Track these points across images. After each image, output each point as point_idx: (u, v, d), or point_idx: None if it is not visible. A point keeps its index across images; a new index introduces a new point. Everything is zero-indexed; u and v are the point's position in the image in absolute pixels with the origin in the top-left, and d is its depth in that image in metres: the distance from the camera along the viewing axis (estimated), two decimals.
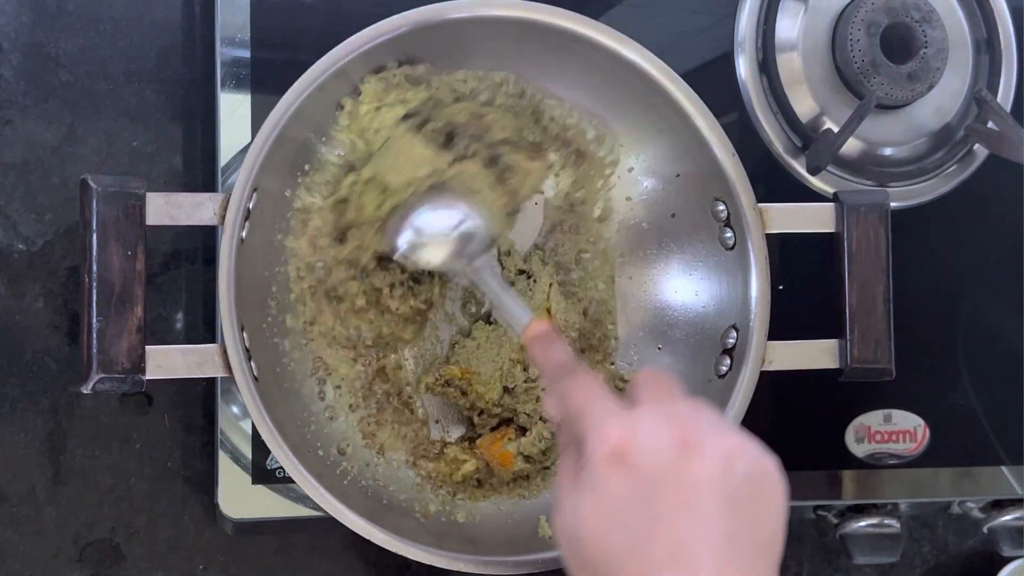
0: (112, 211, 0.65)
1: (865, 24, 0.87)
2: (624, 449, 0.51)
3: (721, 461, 0.51)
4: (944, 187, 0.91)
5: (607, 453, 0.52)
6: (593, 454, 0.52)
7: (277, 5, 0.81)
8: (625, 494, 0.51)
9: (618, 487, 0.51)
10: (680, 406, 0.55)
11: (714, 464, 0.51)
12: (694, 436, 0.51)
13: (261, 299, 0.73)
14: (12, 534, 0.81)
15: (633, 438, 0.52)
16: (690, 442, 0.51)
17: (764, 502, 0.52)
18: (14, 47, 0.82)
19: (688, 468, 0.51)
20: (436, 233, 0.72)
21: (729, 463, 0.51)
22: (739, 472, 0.51)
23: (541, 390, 0.78)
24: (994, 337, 0.92)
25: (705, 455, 0.51)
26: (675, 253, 0.80)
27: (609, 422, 0.53)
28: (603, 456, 0.52)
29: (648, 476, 0.51)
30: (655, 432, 0.52)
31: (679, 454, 0.51)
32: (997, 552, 0.95)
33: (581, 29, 0.73)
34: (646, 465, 0.51)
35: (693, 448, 0.51)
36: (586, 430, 0.54)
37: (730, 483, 0.51)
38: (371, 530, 0.69)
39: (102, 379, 0.65)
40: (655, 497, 0.50)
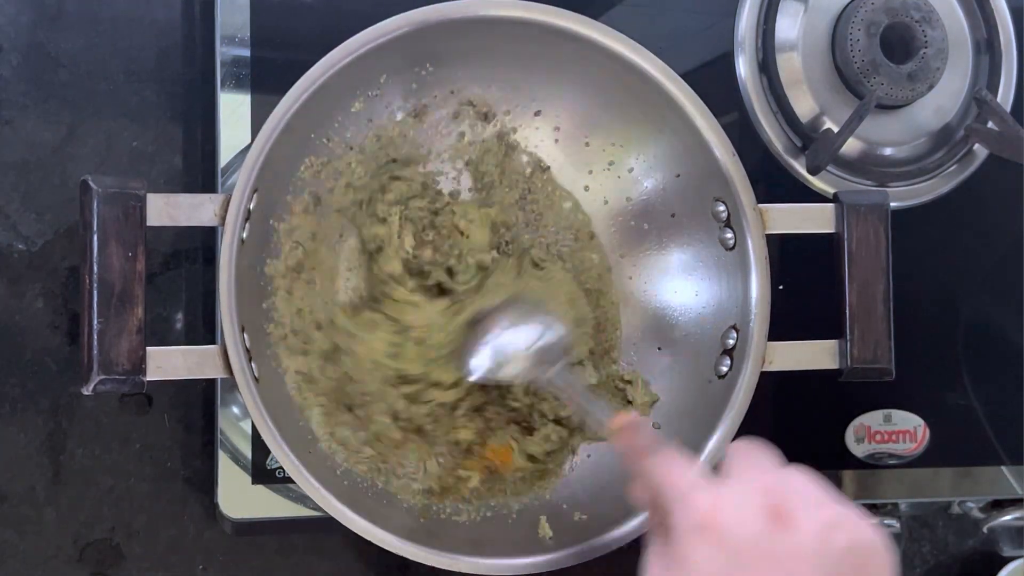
0: (112, 212, 0.65)
1: (865, 24, 0.87)
2: (711, 520, 0.49)
3: (818, 533, 0.49)
4: (944, 187, 0.91)
5: (693, 524, 0.50)
6: (679, 526, 0.51)
7: (277, 5, 0.81)
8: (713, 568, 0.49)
9: (705, 561, 0.49)
10: (774, 476, 0.53)
11: (809, 536, 0.49)
12: (787, 507, 0.49)
13: (261, 299, 0.73)
14: (12, 534, 0.81)
15: (720, 508, 0.50)
16: (783, 513, 0.49)
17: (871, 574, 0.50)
18: (14, 47, 0.82)
19: (782, 540, 0.48)
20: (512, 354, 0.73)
21: (827, 535, 0.49)
22: (838, 546, 0.49)
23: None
24: (994, 337, 0.92)
25: (800, 527, 0.49)
26: (675, 253, 0.80)
27: (695, 493, 0.51)
28: (689, 527, 0.50)
29: (737, 549, 0.49)
30: (744, 502, 0.50)
31: (771, 526, 0.49)
32: (997, 552, 0.95)
33: (581, 29, 0.73)
34: (735, 537, 0.49)
35: (786, 519, 0.49)
36: (671, 502, 0.52)
37: (828, 557, 0.48)
38: (371, 530, 0.69)
39: (102, 380, 0.65)
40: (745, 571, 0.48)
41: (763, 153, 0.89)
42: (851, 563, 0.49)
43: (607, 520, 0.72)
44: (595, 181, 0.81)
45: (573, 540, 0.72)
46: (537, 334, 0.73)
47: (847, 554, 0.49)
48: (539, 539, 0.74)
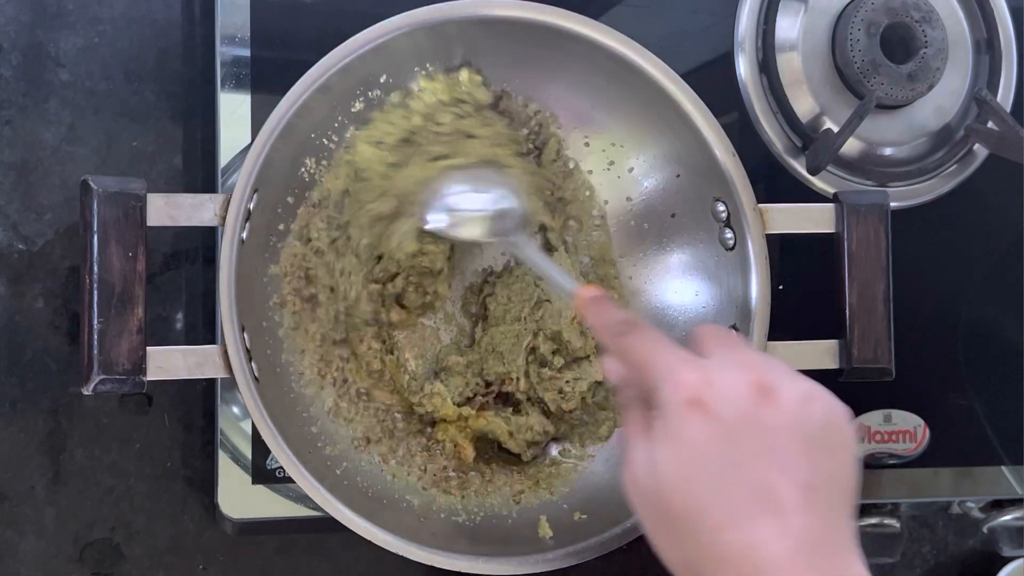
0: (113, 212, 0.65)
1: (865, 24, 0.87)
2: (701, 394, 0.51)
3: (798, 405, 0.51)
4: (944, 187, 0.91)
5: (684, 399, 0.51)
6: (669, 401, 0.52)
7: (277, 5, 0.81)
8: (705, 440, 0.51)
9: (697, 433, 0.51)
10: (749, 354, 0.55)
11: (792, 408, 0.51)
12: (769, 381, 0.51)
13: (262, 299, 0.73)
14: (12, 534, 0.81)
15: (710, 383, 0.52)
16: (766, 386, 0.51)
17: (839, 447, 0.52)
18: (14, 47, 0.82)
19: (767, 412, 0.51)
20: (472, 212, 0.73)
21: (806, 407, 0.51)
22: (815, 416, 0.51)
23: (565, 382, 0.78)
24: (994, 337, 0.92)
25: (782, 399, 0.51)
26: (675, 253, 0.80)
27: (683, 369, 0.52)
28: (680, 402, 0.51)
29: (727, 421, 0.51)
30: (731, 378, 0.52)
31: (757, 398, 0.51)
32: (997, 552, 0.95)
33: (581, 29, 0.73)
34: (725, 410, 0.51)
35: (770, 392, 0.51)
36: (658, 379, 0.53)
37: (808, 426, 0.51)
38: (371, 530, 0.69)
39: (103, 380, 0.65)
40: (736, 442, 0.50)
41: (763, 153, 0.89)
42: (826, 431, 0.51)
43: (607, 520, 0.72)
44: (595, 181, 0.81)
45: (573, 540, 0.72)
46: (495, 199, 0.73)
47: (822, 423, 0.51)
48: (539, 539, 0.74)
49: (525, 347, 0.78)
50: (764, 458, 0.50)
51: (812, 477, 0.50)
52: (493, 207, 0.72)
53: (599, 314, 0.62)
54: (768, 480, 0.50)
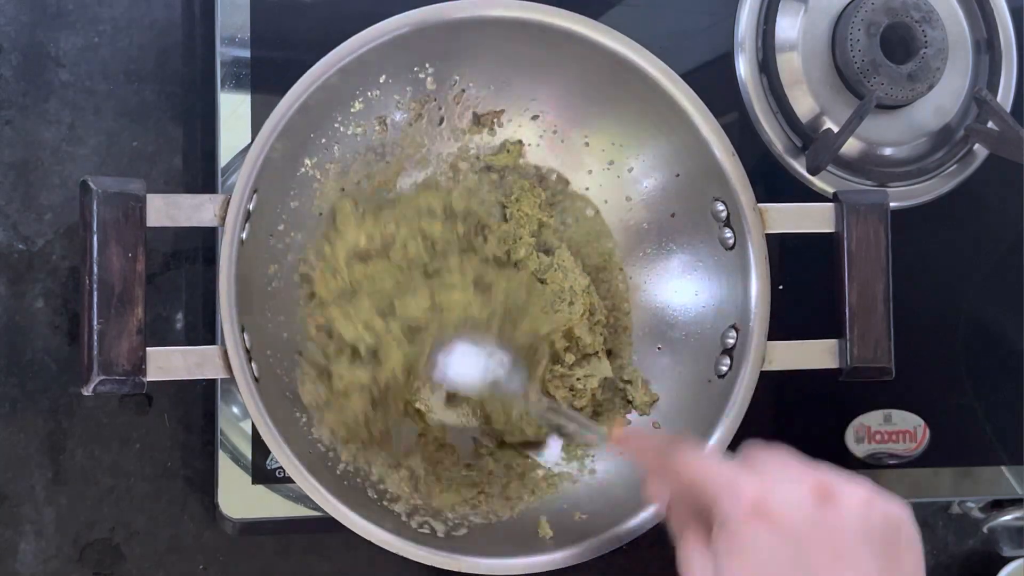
0: (112, 213, 0.65)
1: (865, 24, 0.87)
2: (763, 504, 0.51)
3: (860, 508, 0.52)
4: (944, 187, 0.91)
5: (747, 509, 0.51)
6: (732, 513, 0.52)
7: (277, 5, 0.81)
8: (772, 549, 0.51)
9: (764, 543, 0.51)
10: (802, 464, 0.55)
11: (854, 510, 0.51)
12: (828, 486, 0.52)
13: (262, 300, 0.73)
14: (12, 534, 0.81)
15: (770, 492, 0.52)
16: (826, 491, 0.51)
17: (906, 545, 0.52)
18: (14, 47, 0.82)
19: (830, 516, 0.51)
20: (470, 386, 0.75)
21: (868, 509, 0.52)
22: (878, 517, 0.52)
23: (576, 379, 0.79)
24: (994, 337, 0.92)
25: (844, 502, 0.51)
26: (675, 253, 0.80)
27: (742, 481, 0.53)
28: (744, 513, 0.51)
29: (792, 528, 0.51)
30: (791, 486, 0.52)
31: (819, 504, 0.51)
32: (997, 552, 0.95)
33: (581, 29, 0.73)
34: (789, 517, 0.51)
35: (831, 497, 0.51)
36: (716, 493, 0.53)
37: (872, 528, 0.51)
38: (371, 530, 0.69)
39: (103, 381, 0.65)
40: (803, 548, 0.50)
41: (763, 153, 0.89)
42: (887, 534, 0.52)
43: (607, 520, 0.72)
44: (595, 181, 0.81)
45: (573, 540, 0.72)
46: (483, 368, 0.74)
47: (885, 524, 0.52)
48: (539, 539, 0.74)
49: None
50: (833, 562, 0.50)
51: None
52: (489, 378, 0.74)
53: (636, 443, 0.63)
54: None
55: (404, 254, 0.75)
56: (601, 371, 0.79)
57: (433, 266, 0.76)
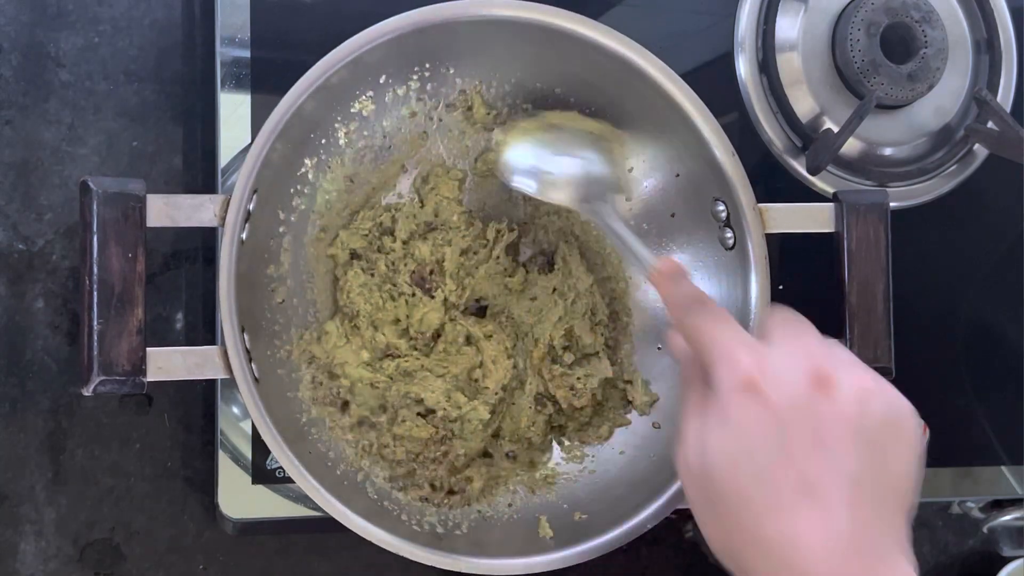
0: (112, 213, 0.65)
1: (865, 24, 0.87)
2: (756, 379, 0.50)
3: (856, 399, 0.50)
4: (944, 187, 0.91)
5: (738, 382, 0.51)
6: (723, 383, 0.51)
7: (277, 5, 0.81)
8: (755, 426, 0.50)
9: (748, 419, 0.50)
10: (814, 342, 0.53)
11: (848, 401, 0.50)
12: (828, 371, 0.50)
13: (261, 300, 0.73)
14: (12, 534, 0.81)
15: (766, 368, 0.51)
16: (824, 377, 0.50)
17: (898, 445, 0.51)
18: (14, 47, 0.82)
19: (821, 403, 0.50)
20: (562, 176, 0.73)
21: (865, 402, 0.50)
22: (875, 412, 0.50)
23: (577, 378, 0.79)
24: (994, 337, 0.92)
25: (840, 392, 0.50)
26: (675, 253, 0.80)
27: (740, 351, 0.52)
28: (734, 385, 0.51)
29: (780, 409, 0.50)
30: (789, 364, 0.51)
31: (813, 389, 0.50)
32: (997, 552, 0.95)
33: (581, 29, 0.73)
34: (778, 397, 0.50)
35: (828, 384, 0.50)
36: (715, 360, 0.53)
37: (864, 421, 0.50)
38: (371, 530, 0.69)
39: (103, 381, 0.65)
40: (787, 431, 0.49)
41: (763, 153, 0.89)
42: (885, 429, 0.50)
43: (607, 520, 0.72)
44: None
45: (573, 540, 0.72)
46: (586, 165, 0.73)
47: (881, 420, 0.50)
48: (539, 539, 0.74)
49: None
50: (813, 449, 0.49)
51: (861, 473, 0.49)
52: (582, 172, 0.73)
53: (673, 289, 0.61)
54: (814, 472, 0.49)
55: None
56: (601, 371, 0.79)
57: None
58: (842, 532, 0.48)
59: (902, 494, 0.51)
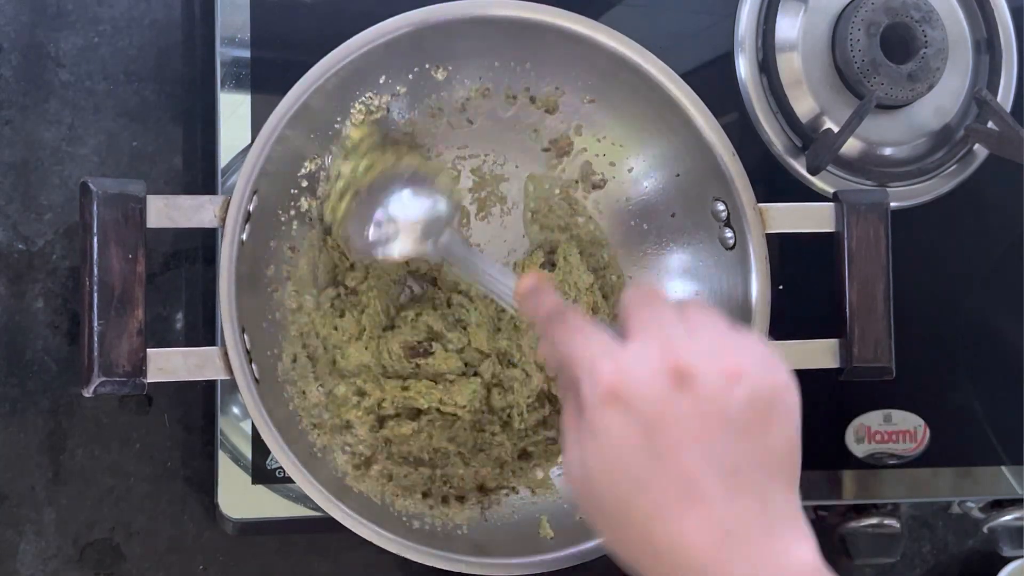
0: (112, 214, 0.65)
1: (865, 24, 0.87)
2: (617, 389, 0.50)
3: (718, 388, 0.49)
4: (944, 187, 0.91)
5: (601, 395, 0.50)
6: (588, 399, 0.51)
7: (277, 5, 0.81)
8: (625, 436, 0.50)
9: (616, 429, 0.50)
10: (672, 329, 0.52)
11: (711, 391, 0.49)
12: (686, 364, 0.50)
13: (262, 300, 0.73)
14: (12, 534, 0.81)
15: (626, 374, 0.50)
16: (683, 372, 0.49)
17: (775, 419, 0.50)
18: (14, 47, 0.82)
19: (683, 399, 0.49)
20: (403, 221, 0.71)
21: (727, 388, 0.50)
22: (741, 395, 0.50)
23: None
24: (994, 337, 0.92)
25: (701, 383, 0.49)
26: (675, 253, 0.80)
27: (600, 363, 0.51)
28: (598, 399, 0.50)
29: (644, 413, 0.49)
30: (648, 364, 0.50)
31: (673, 386, 0.49)
32: (997, 552, 0.95)
33: (581, 29, 0.73)
34: (641, 402, 0.49)
35: (686, 377, 0.49)
36: (580, 374, 0.52)
37: (732, 407, 0.49)
38: (371, 530, 0.69)
39: (103, 382, 0.65)
40: (655, 435, 0.49)
41: (763, 153, 0.89)
42: (755, 409, 0.50)
43: None
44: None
45: (574, 540, 0.72)
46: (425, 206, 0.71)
47: (747, 402, 0.49)
48: (540, 539, 0.74)
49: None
50: (684, 448, 0.49)
51: (737, 461, 0.49)
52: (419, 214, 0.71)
53: (534, 303, 0.60)
54: (689, 470, 0.49)
55: None
56: None
57: None
58: (725, 524, 0.48)
59: (788, 468, 0.51)
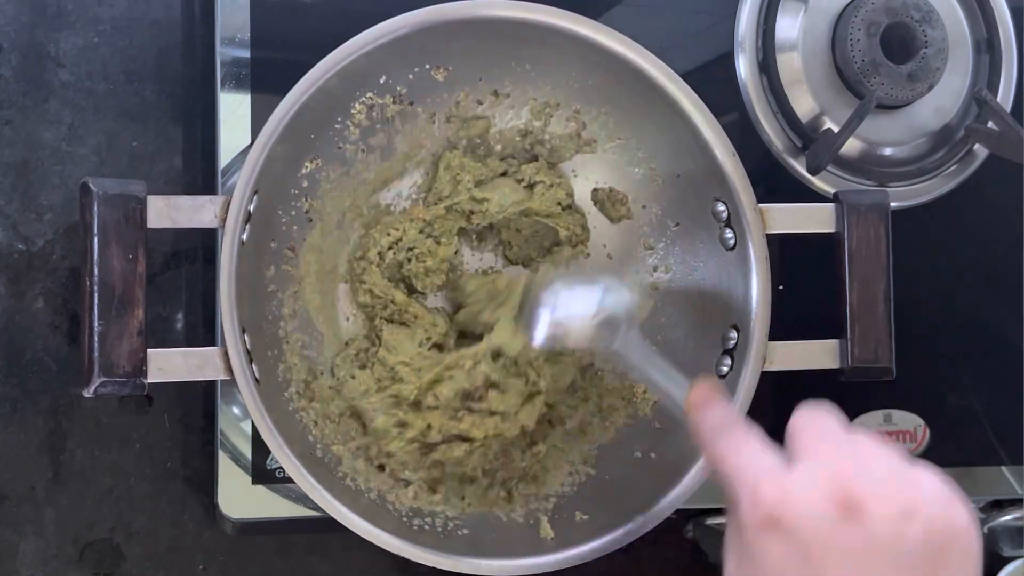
0: (113, 214, 0.65)
1: (865, 24, 0.87)
2: (778, 514, 0.47)
3: (890, 524, 0.46)
4: (944, 187, 0.91)
5: (761, 521, 0.48)
6: (747, 522, 0.49)
7: (277, 5, 0.81)
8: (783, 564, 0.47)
9: (775, 557, 0.47)
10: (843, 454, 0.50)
11: (882, 528, 0.46)
12: (858, 496, 0.47)
13: (262, 301, 0.73)
14: (12, 534, 0.81)
15: (789, 500, 0.48)
16: (853, 504, 0.47)
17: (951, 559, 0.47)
18: (14, 47, 0.82)
19: (851, 533, 0.46)
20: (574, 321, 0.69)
21: (902, 525, 0.46)
22: (916, 531, 0.46)
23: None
24: (994, 337, 0.92)
25: (872, 518, 0.46)
26: (675, 253, 0.80)
27: (761, 485, 0.49)
28: (757, 524, 0.48)
29: (807, 545, 0.47)
30: (813, 490, 0.47)
31: (840, 518, 0.47)
32: (997, 552, 0.95)
33: (581, 29, 0.73)
34: (803, 531, 0.47)
35: (856, 510, 0.47)
36: (739, 494, 0.50)
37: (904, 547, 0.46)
38: (371, 530, 0.69)
39: (104, 383, 0.65)
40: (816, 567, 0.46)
41: (763, 153, 0.89)
42: (931, 548, 0.47)
43: (607, 520, 0.72)
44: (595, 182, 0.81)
45: (574, 540, 0.72)
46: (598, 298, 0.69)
47: (925, 539, 0.46)
48: (540, 539, 0.74)
49: None
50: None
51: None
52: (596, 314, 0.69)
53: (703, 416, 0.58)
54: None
55: None
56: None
57: None
58: None
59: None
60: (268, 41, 0.81)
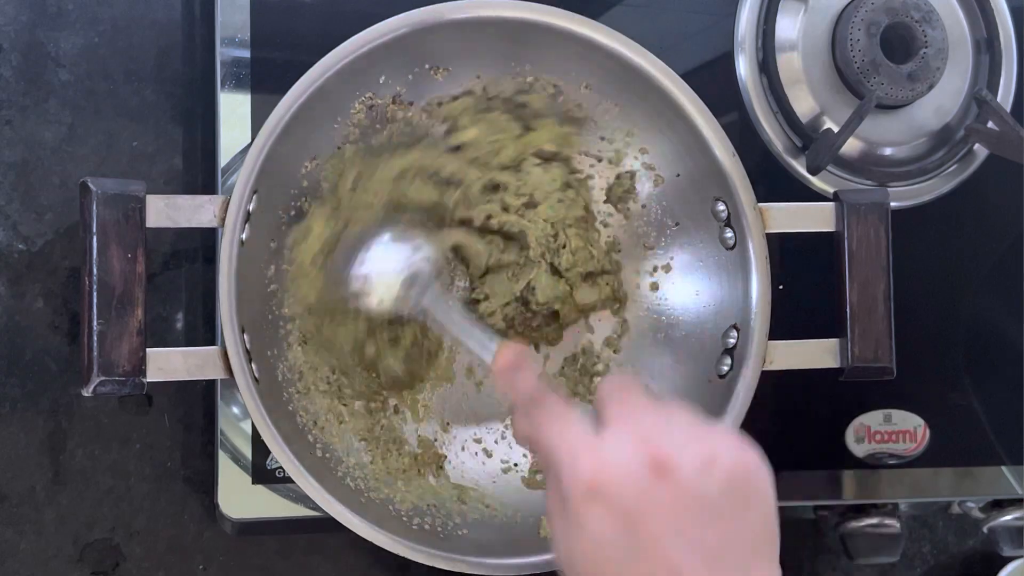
0: (112, 214, 0.65)
1: (865, 24, 0.87)
2: (597, 484, 0.51)
3: (696, 474, 0.51)
4: (944, 187, 0.91)
5: (582, 491, 0.51)
6: (569, 493, 0.52)
7: (277, 5, 0.81)
8: (607, 529, 0.51)
9: (599, 523, 0.51)
10: (647, 419, 0.54)
11: (689, 479, 0.50)
12: (664, 454, 0.51)
13: (262, 300, 0.73)
14: (12, 534, 0.81)
15: (604, 470, 0.51)
16: (661, 462, 0.51)
17: (751, 499, 0.52)
18: (14, 47, 0.82)
19: (663, 489, 0.50)
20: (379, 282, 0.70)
21: (705, 474, 0.51)
22: (718, 479, 0.51)
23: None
24: (994, 337, 0.92)
25: (679, 472, 0.51)
26: (675, 253, 0.80)
27: (579, 457, 0.52)
28: (579, 495, 0.51)
29: (625, 507, 0.50)
30: (625, 459, 0.51)
31: (652, 477, 0.50)
32: (997, 552, 0.95)
33: (581, 29, 0.73)
34: (622, 496, 0.51)
35: (665, 467, 0.51)
36: (559, 466, 0.53)
37: (711, 492, 0.51)
38: (371, 530, 0.69)
39: (103, 382, 0.65)
40: (637, 526, 0.50)
41: (763, 153, 0.89)
42: (733, 492, 0.51)
43: None
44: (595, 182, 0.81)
45: None
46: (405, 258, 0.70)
47: (725, 486, 0.51)
48: (539, 539, 0.74)
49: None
50: (667, 538, 0.50)
51: (720, 545, 0.50)
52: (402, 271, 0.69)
53: (511, 381, 0.62)
54: (673, 560, 0.50)
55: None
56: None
57: None
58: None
59: (768, 544, 0.52)
60: (268, 41, 0.81)
